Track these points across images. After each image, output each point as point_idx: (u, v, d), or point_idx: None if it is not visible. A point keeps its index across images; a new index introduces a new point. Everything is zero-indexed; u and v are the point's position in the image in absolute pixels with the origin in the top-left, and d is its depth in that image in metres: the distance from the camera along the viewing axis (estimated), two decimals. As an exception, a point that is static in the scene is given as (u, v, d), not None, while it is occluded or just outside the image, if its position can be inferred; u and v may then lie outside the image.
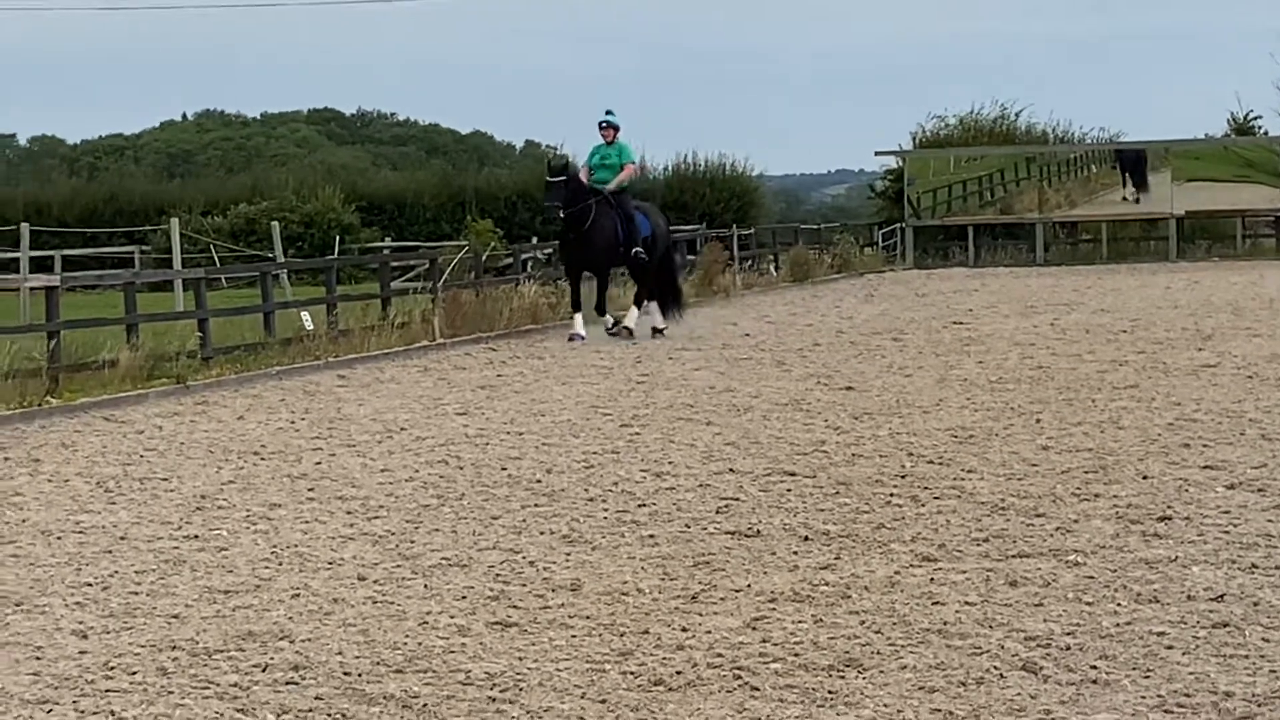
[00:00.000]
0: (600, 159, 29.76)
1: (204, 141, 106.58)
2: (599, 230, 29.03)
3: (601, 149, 29.83)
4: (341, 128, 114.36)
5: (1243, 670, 8.59)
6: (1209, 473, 14.32)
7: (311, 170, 73.91)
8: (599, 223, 28.98)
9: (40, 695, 8.70)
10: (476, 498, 14.14)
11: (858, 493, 13.85)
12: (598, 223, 28.97)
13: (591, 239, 29.09)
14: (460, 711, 8.25)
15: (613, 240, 29.23)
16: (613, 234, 29.21)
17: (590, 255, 29.42)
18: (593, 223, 28.92)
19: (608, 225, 29.11)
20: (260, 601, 10.60)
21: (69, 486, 15.33)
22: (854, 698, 8.30)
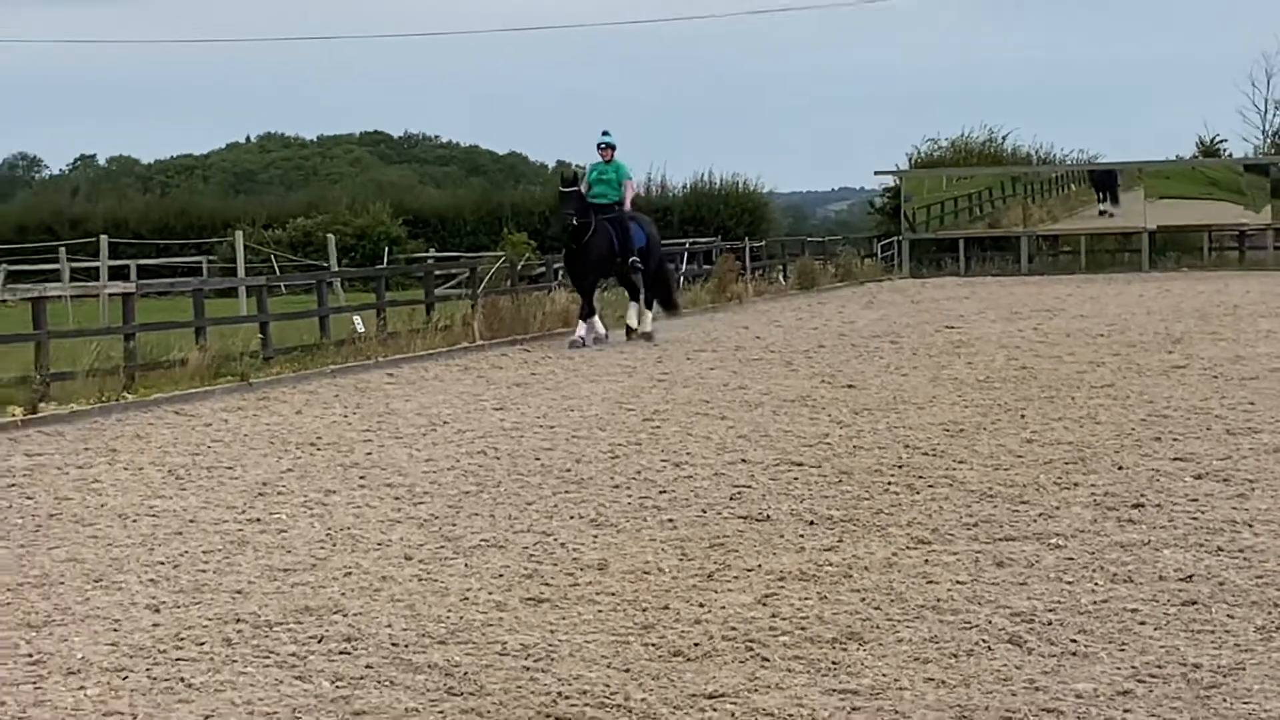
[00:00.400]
0: (598, 175, 29.35)
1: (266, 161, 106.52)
2: (598, 242, 28.73)
3: (600, 166, 29.44)
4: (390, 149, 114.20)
5: (1209, 644, 8.64)
6: (1178, 464, 14.34)
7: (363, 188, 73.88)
8: (598, 235, 28.70)
9: (117, 664, 8.78)
10: (512, 485, 14.19)
11: (858, 481, 13.89)
12: (597, 235, 28.69)
13: (591, 250, 28.80)
14: (498, 679, 8.31)
15: (610, 251, 28.93)
16: (609, 245, 28.89)
17: (591, 265, 29.03)
18: (593, 235, 28.68)
19: (605, 237, 28.77)
20: (316, 579, 10.66)
21: (143, 474, 15.39)
22: (855, 668, 8.37)
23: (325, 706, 7.93)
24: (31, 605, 10.13)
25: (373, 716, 7.75)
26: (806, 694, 7.95)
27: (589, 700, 7.93)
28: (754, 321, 34.95)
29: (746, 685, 8.11)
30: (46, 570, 11.14)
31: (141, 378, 23.10)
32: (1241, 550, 10.85)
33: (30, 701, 8.13)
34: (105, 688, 8.33)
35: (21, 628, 9.58)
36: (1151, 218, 56.75)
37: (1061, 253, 59.16)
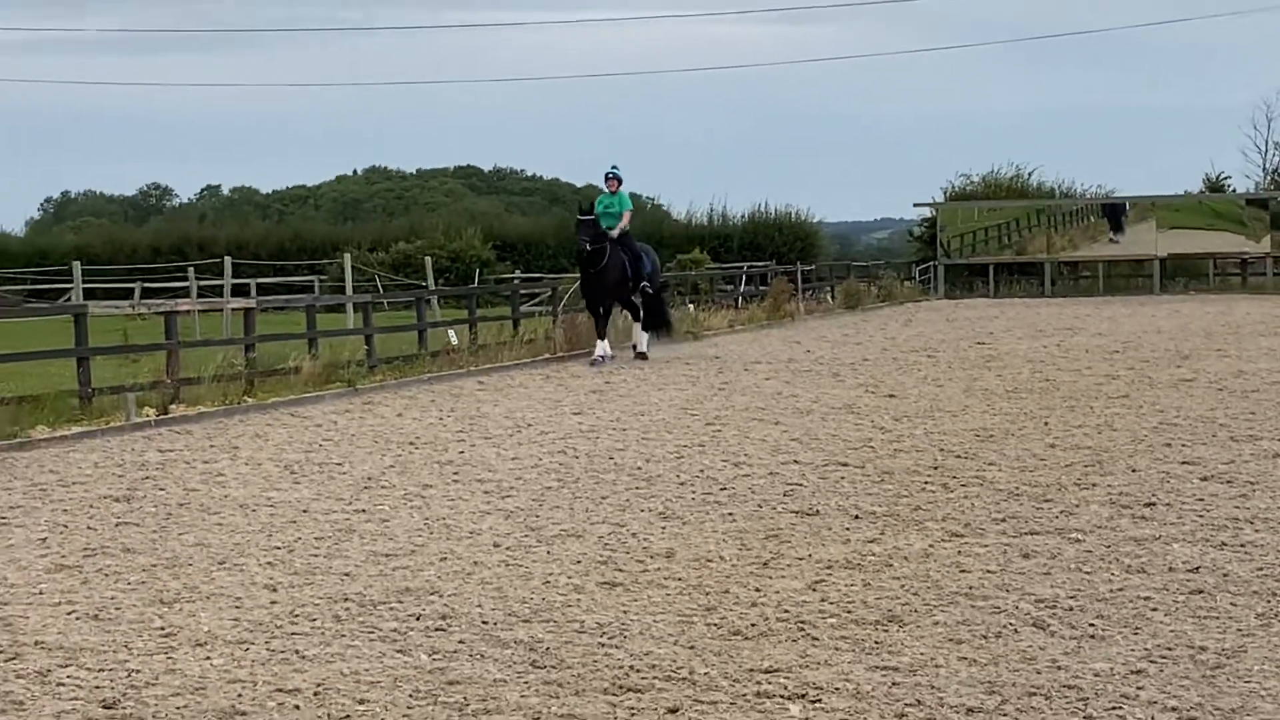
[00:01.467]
0: (605, 207, 28.39)
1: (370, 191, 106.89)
2: (612, 268, 27.75)
3: (606, 198, 28.61)
4: (481, 181, 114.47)
5: (1214, 629, 8.61)
6: (1187, 467, 14.28)
7: (456, 216, 74.08)
8: (612, 261, 27.71)
9: (239, 637, 8.84)
10: (589, 481, 14.21)
11: (898, 480, 13.88)
12: (611, 262, 27.70)
13: (606, 276, 27.78)
14: (576, 654, 8.33)
15: (623, 276, 28.00)
16: (622, 271, 27.96)
17: (605, 290, 27.91)
18: (607, 262, 27.67)
19: (618, 263, 27.83)
20: (415, 563, 10.71)
21: (262, 469, 15.47)
22: (895, 647, 8.36)
23: (423, 676, 7.95)
24: (164, 584, 10.20)
25: (465, 686, 7.77)
26: (852, 670, 7.94)
27: (657, 673, 7.93)
28: (804, 337, 34.93)
29: (798, 662, 8.11)
30: (176, 553, 11.21)
31: (260, 383, 23.21)
32: (1244, 545, 10.80)
33: (162, 670, 8.18)
34: (229, 658, 8.38)
35: (155, 604, 9.65)
36: (1162, 246, 56.71)
37: (1081, 277, 58.97)
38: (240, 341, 25.40)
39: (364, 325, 28.81)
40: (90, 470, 15.60)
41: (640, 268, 28.25)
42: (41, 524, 12.53)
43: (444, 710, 7.40)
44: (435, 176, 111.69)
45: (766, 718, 7.21)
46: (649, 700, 7.49)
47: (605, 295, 27.88)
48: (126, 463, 16.11)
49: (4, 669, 8.24)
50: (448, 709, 7.42)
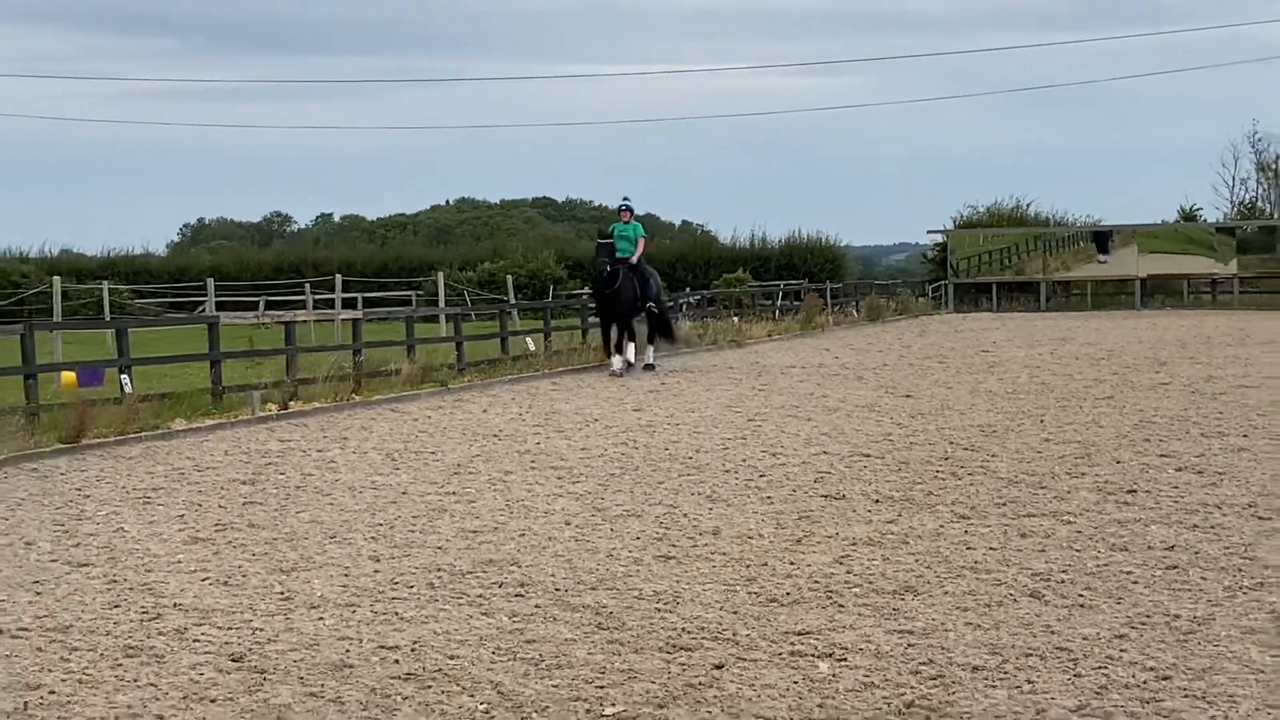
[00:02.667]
0: (619, 234, 27.18)
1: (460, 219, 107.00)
2: (624, 290, 26.54)
3: (620, 226, 27.28)
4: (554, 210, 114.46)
5: (1187, 599, 8.56)
6: (1163, 459, 14.19)
7: (533, 240, 74.23)
8: (624, 284, 26.53)
9: (348, 600, 8.89)
10: (647, 469, 14.22)
11: (914, 469, 13.84)
12: (623, 284, 26.52)
13: (619, 296, 26.54)
14: (635, 618, 8.34)
15: (633, 297, 26.76)
16: (633, 292, 26.74)
17: (618, 309, 26.61)
18: (620, 284, 26.49)
19: (629, 285, 26.65)
20: (497, 539, 10.73)
21: (367, 457, 15.54)
22: (911, 613, 8.34)
23: (504, 636, 7.98)
24: (283, 555, 10.25)
25: (540, 644, 7.79)
26: (873, 633, 7.92)
27: (705, 634, 7.94)
28: (833, 345, 34.87)
29: (827, 625, 8.10)
30: (294, 528, 11.27)
31: (366, 383, 23.31)
32: (1213, 527, 10.73)
33: (282, 628, 8.23)
34: (338, 619, 8.42)
35: (276, 572, 9.71)
36: (1143, 268, 56.66)
37: (1072, 294, 58.74)
38: (349, 347, 25.53)
39: (454, 334, 28.88)
40: (221, 457, 15.70)
41: (648, 291, 27.42)
42: (179, 503, 12.62)
43: (522, 665, 7.42)
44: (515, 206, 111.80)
45: (799, 673, 7.20)
46: (698, 657, 7.49)
47: (618, 314, 26.76)
48: (252, 451, 16.20)
49: (147, 627, 8.31)
50: (525, 664, 7.44)
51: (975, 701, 6.71)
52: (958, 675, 7.11)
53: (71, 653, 7.78)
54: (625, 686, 7.02)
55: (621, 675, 7.20)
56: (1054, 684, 6.95)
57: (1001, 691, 6.85)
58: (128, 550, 10.50)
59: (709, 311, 43.61)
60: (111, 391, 20.14)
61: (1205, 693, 6.79)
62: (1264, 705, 6.60)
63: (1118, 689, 6.87)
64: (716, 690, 6.94)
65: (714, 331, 36.43)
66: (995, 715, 6.51)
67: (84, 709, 6.80)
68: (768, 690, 6.93)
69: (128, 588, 9.28)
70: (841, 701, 6.75)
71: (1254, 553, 9.81)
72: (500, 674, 7.25)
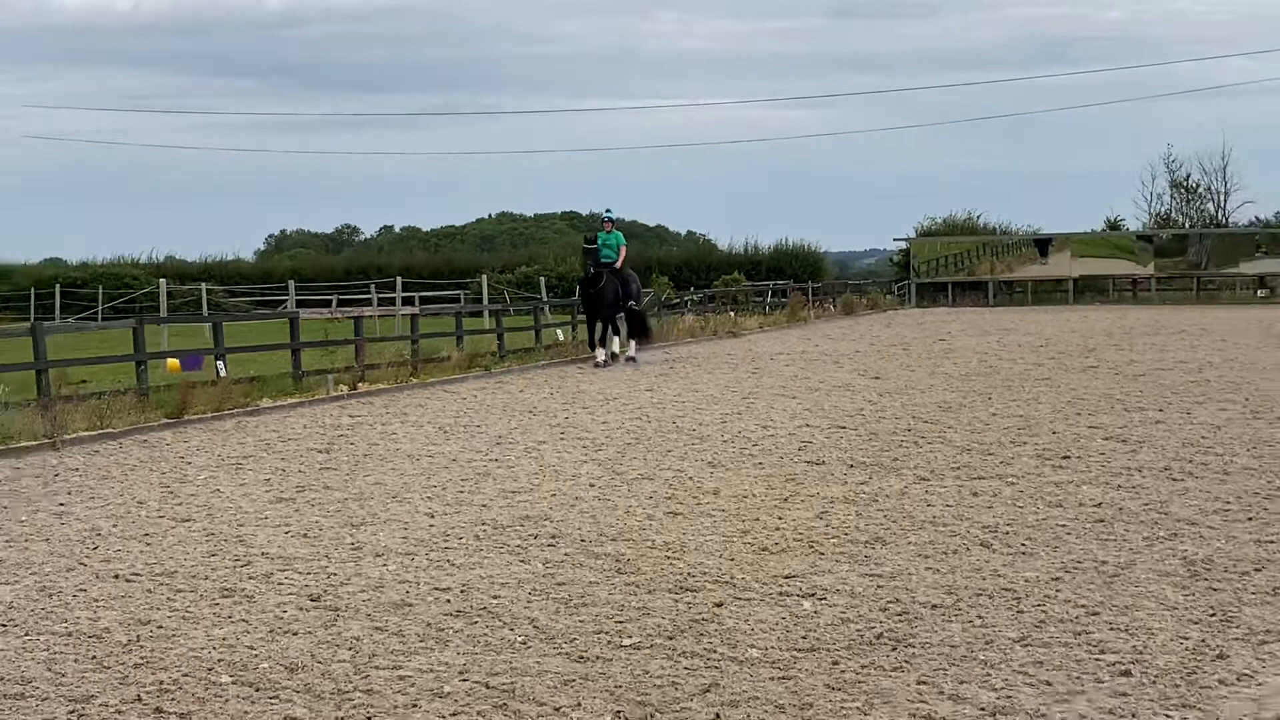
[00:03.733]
0: (603, 243, 25.72)
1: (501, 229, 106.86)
2: (607, 290, 25.10)
3: (603, 235, 25.85)
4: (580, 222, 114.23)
5: (1113, 548, 8.54)
6: (1092, 430, 14.17)
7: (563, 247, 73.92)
8: (607, 284, 25.10)
9: (407, 549, 8.89)
10: (657, 439, 14.22)
11: (882, 439, 13.82)
12: (606, 284, 25.09)
13: (603, 296, 25.09)
14: (649, 564, 8.34)
15: (615, 297, 25.34)
16: (615, 293, 25.31)
17: (602, 308, 25.18)
18: (604, 284, 25.06)
19: (612, 286, 25.23)
20: (533, 499, 10.73)
21: (423, 430, 15.55)
22: (880, 560, 8.33)
23: (538, 579, 7.98)
24: (353, 512, 10.27)
25: (568, 586, 7.79)
26: (848, 576, 7.92)
27: (707, 578, 7.94)
28: (814, 335, 34.83)
29: (810, 570, 8.09)
30: (362, 490, 11.28)
31: (422, 368, 23.32)
32: (1135, 487, 10.71)
33: (352, 573, 8.24)
34: (399, 565, 8.43)
35: (347, 527, 9.72)
36: (1075, 269, 56.65)
37: (1015, 292, 58.61)
38: (407, 338, 25.52)
39: (496, 326, 28.87)
40: (301, 430, 15.72)
41: (629, 291, 25.92)
42: (266, 469, 12.64)
43: (553, 603, 7.42)
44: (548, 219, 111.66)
45: (787, 610, 7.20)
46: (702, 597, 7.50)
47: (602, 312, 25.32)
48: (326, 425, 16.22)
49: (240, 572, 8.33)
50: (556, 602, 7.44)
51: (934, 633, 6.70)
52: (919, 612, 7.11)
53: (176, 594, 7.80)
54: (640, 621, 7.03)
55: (637, 612, 7.21)
56: (1001, 619, 6.94)
57: (956, 625, 6.84)
58: (223, 508, 10.52)
59: (709, 308, 43.57)
60: (209, 375, 20.16)
61: (1128, 626, 6.78)
62: (1177, 636, 6.60)
63: (1054, 623, 6.86)
64: (717, 625, 6.94)
65: (714, 324, 36.42)
66: (950, 645, 6.50)
67: (187, 641, 6.82)
68: (760, 624, 6.93)
69: (223, 539, 9.30)
70: (822, 634, 6.75)
71: (1169, 508, 9.79)
72: (535, 611, 7.26)
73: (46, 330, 18.56)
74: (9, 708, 5.80)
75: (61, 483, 11.99)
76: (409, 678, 6.12)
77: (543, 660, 6.35)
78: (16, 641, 6.86)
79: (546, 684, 5.98)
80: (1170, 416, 15.22)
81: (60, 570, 8.44)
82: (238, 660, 6.43)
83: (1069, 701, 5.65)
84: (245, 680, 6.12)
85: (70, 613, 7.41)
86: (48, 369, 17.41)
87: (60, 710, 5.76)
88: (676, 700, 5.74)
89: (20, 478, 12.35)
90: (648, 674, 6.11)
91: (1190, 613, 7.00)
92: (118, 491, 11.43)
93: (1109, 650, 6.36)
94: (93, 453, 14.04)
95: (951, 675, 6.02)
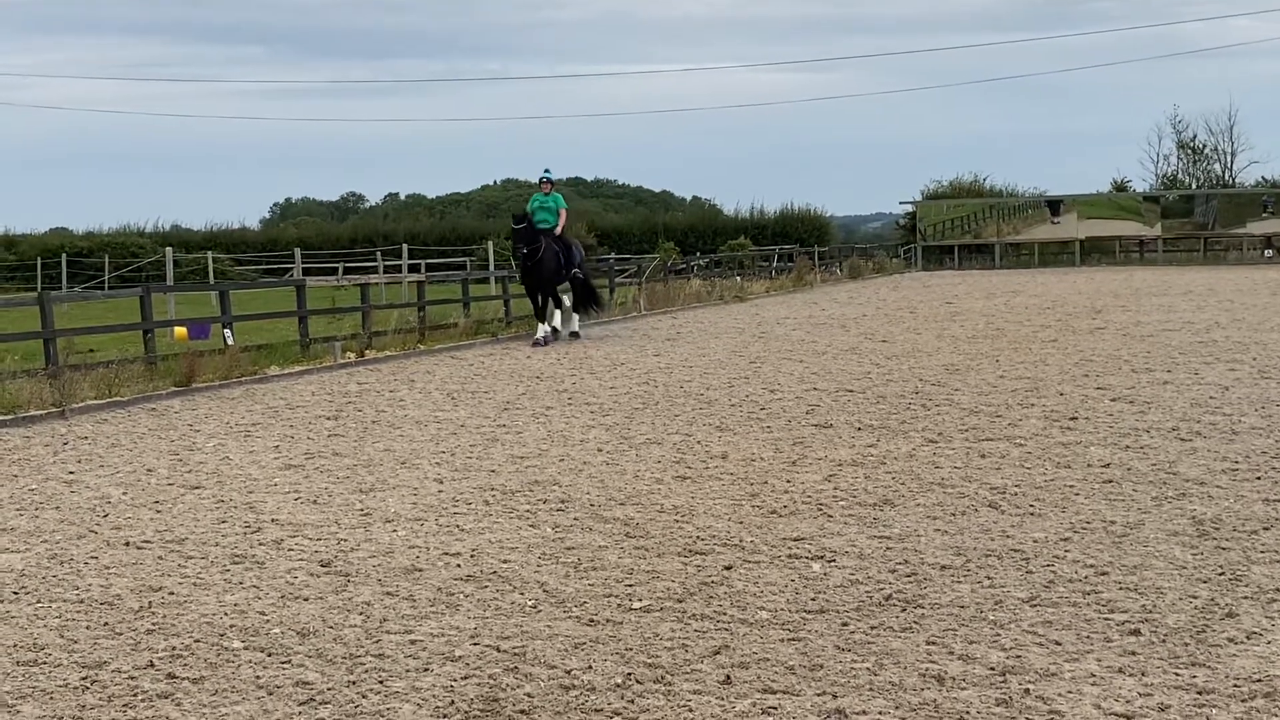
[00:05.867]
0: (540, 205, 23.49)
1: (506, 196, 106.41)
2: (546, 259, 22.94)
3: (540, 198, 23.64)
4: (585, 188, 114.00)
5: (1121, 508, 8.54)
6: (1100, 391, 14.16)
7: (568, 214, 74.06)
8: (546, 253, 22.94)
9: (416, 515, 8.91)
10: (665, 404, 14.23)
11: (890, 402, 13.82)
12: (545, 253, 22.93)
13: (543, 267, 22.94)
14: (658, 528, 8.34)
15: (556, 265, 23.13)
16: (556, 261, 23.08)
17: (543, 278, 23.03)
18: (543, 254, 22.91)
19: (552, 255, 23.03)
20: (541, 463, 10.74)
21: (430, 396, 15.57)
22: (888, 522, 8.34)
23: (548, 544, 7.99)
24: (362, 479, 10.28)
25: (578, 550, 7.80)
26: (857, 538, 7.92)
27: (716, 541, 7.95)
28: (820, 300, 34.80)
29: (818, 532, 8.09)
30: (371, 456, 11.30)
31: (429, 335, 23.35)
32: (1143, 448, 10.70)
33: (362, 539, 8.26)
34: (409, 530, 8.44)
35: (356, 493, 9.73)
36: (1081, 231, 56.62)
37: (1022, 254, 58.58)
38: (414, 304, 25.53)
39: (502, 293, 28.86)
40: (308, 397, 15.74)
41: (571, 257, 23.68)
42: (275, 435, 12.65)
43: (563, 567, 7.43)
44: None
45: (795, 573, 7.21)
46: (711, 560, 7.50)
47: (543, 283, 23.16)
48: (334, 392, 16.23)
49: (250, 539, 8.34)
50: (565, 566, 7.46)
51: (943, 594, 6.71)
52: (928, 573, 7.11)
53: (187, 560, 7.82)
54: (650, 585, 7.04)
55: (647, 575, 7.21)
56: (1010, 580, 6.94)
57: (965, 586, 6.85)
58: (232, 475, 10.54)
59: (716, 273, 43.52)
60: (216, 343, 20.18)
61: (1136, 585, 6.78)
62: (1186, 595, 6.60)
63: (1063, 583, 6.86)
64: (726, 587, 6.95)
65: (720, 289, 36.38)
66: (960, 605, 6.51)
67: (198, 607, 6.84)
68: (769, 587, 6.94)
69: (233, 506, 9.32)
70: (831, 596, 6.76)
71: (1177, 468, 9.79)
72: (545, 575, 7.27)
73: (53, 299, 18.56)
74: (22, 675, 5.82)
75: (71, 451, 12.02)
76: (420, 642, 6.13)
77: (553, 624, 6.36)
78: (29, 609, 6.88)
79: (557, 647, 6.00)
80: (1178, 377, 15.20)
81: (71, 538, 8.46)
82: (249, 626, 6.45)
83: (1078, 661, 5.66)
84: (257, 645, 6.14)
85: (82, 580, 7.43)
86: (55, 338, 17.43)
87: (73, 676, 5.79)
88: (687, 662, 5.75)
89: (30, 446, 12.37)
90: (658, 636, 6.12)
91: (1199, 572, 7.00)
92: (127, 459, 11.45)
93: (1118, 610, 6.36)
94: (101, 421, 14.06)
95: (961, 635, 6.02)
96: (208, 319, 23.26)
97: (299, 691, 5.50)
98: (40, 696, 5.54)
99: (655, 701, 5.28)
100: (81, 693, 5.58)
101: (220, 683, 5.65)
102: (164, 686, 5.61)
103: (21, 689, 5.63)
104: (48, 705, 5.42)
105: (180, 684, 5.65)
